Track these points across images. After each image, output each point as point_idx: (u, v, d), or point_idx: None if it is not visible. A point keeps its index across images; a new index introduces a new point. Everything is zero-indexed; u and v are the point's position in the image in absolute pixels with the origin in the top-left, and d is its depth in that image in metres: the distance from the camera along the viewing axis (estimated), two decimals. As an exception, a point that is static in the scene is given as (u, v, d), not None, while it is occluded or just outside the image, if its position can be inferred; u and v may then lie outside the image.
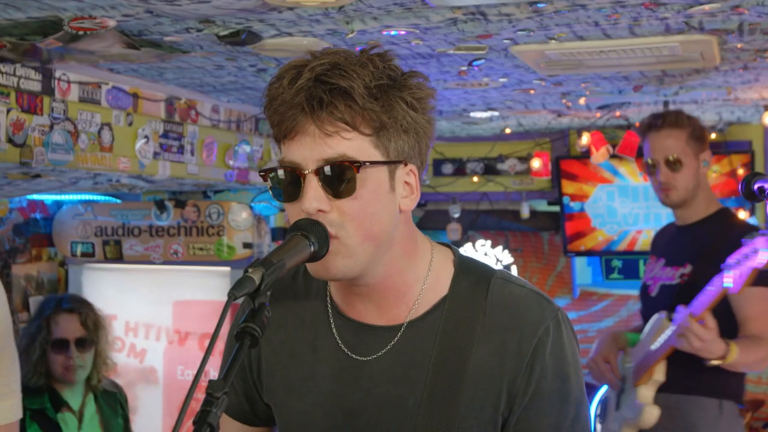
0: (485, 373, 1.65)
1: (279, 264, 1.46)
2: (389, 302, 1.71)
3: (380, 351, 1.70)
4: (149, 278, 5.24)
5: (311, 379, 1.74)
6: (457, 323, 1.68)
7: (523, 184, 6.19)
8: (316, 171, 1.58)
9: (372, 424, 1.70)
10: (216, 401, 1.31)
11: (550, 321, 1.67)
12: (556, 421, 1.67)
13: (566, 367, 1.68)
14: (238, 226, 5.04)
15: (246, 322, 1.40)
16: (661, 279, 3.65)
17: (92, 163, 3.78)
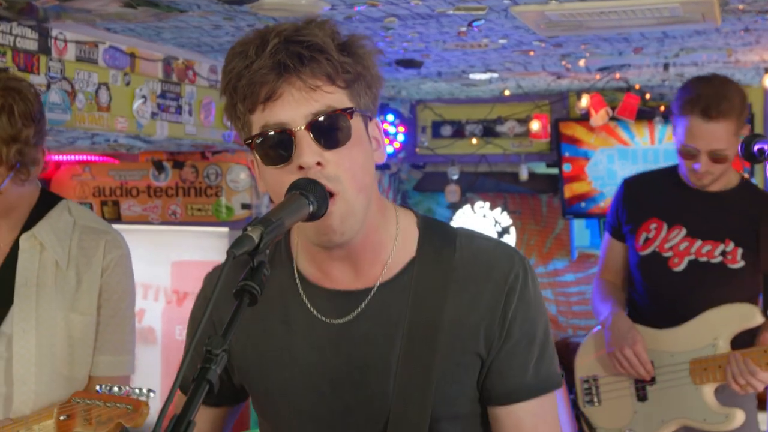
0: (462, 324, 1.71)
1: (278, 222, 1.46)
2: (365, 262, 1.73)
3: (355, 311, 1.72)
4: (147, 239, 5.24)
5: (288, 353, 1.74)
6: (428, 281, 1.73)
7: (522, 147, 6.18)
8: (307, 126, 1.58)
9: (356, 386, 1.71)
10: (215, 358, 1.30)
11: (519, 268, 1.74)
12: (525, 360, 1.74)
13: (533, 312, 1.76)
14: (237, 187, 5.04)
15: (245, 281, 1.40)
16: (690, 253, 3.32)
17: (90, 123, 3.77)
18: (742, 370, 3.08)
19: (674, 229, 3.36)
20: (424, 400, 1.69)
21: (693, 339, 3.27)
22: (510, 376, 1.73)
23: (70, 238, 2.51)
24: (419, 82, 5.42)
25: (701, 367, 3.23)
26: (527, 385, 1.74)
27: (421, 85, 5.54)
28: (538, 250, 6.62)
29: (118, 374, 2.53)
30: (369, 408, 1.71)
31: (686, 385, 3.27)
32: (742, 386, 3.11)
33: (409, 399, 1.69)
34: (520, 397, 1.74)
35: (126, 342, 2.55)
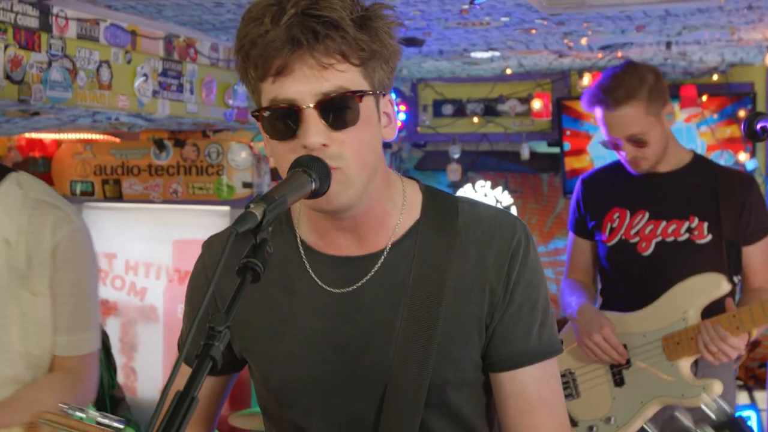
0: (465, 288, 1.73)
1: (281, 200, 1.46)
2: (370, 232, 1.74)
3: (362, 280, 1.73)
4: (149, 217, 5.25)
5: (291, 320, 1.75)
6: (431, 245, 1.74)
7: (523, 126, 6.17)
8: (316, 105, 1.58)
9: (360, 352, 1.72)
10: (218, 335, 1.31)
11: (521, 234, 1.76)
12: (528, 325, 1.76)
13: (535, 277, 1.77)
14: (238, 166, 5.04)
15: (248, 258, 1.40)
16: (657, 235, 3.32)
17: (91, 101, 3.76)
18: (712, 337, 3.06)
19: (637, 215, 3.36)
20: (425, 364, 1.70)
21: (663, 316, 3.25)
22: (514, 341, 1.75)
23: (19, 213, 2.35)
24: (420, 61, 5.41)
25: (674, 342, 3.21)
26: (531, 349, 1.76)
27: (422, 63, 5.53)
28: (539, 229, 6.62)
29: (80, 353, 2.42)
30: (372, 373, 1.72)
31: (661, 362, 3.24)
32: (714, 354, 3.09)
33: (410, 363, 1.70)
34: (524, 361, 1.76)
35: (87, 318, 2.44)
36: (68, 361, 2.40)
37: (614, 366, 3.32)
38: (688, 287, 3.22)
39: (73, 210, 2.44)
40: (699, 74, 5.67)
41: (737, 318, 3.07)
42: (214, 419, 1.96)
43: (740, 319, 3.07)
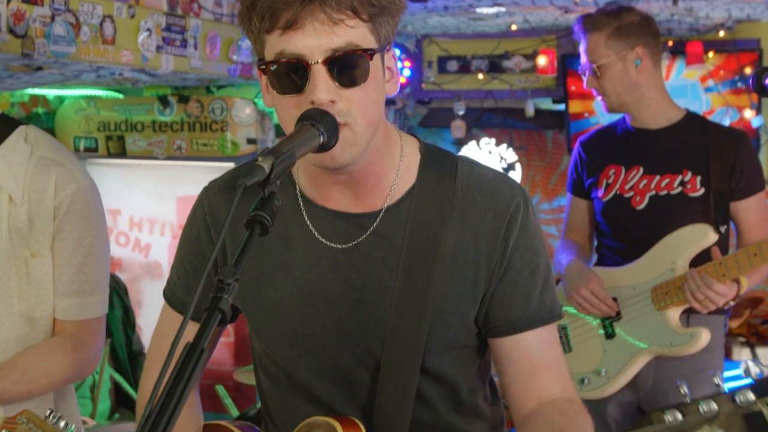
0: (462, 251, 1.72)
1: (288, 153, 1.46)
2: (367, 189, 1.73)
3: (358, 238, 1.73)
4: (153, 173, 5.24)
5: (285, 270, 1.75)
6: (428, 207, 1.73)
7: (528, 82, 6.14)
8: (325, 61, 1.56)
9: (353, 308, 1.73)
10: (227, 287, 1.31)
11: (520, 198, 1.75)
12: (527, 290, 1.76)
13: (534, 241, 1.77)
14: (242, 122, 5.02)
15: (256, 210, 1.40)
16: (650, 189, 3.37)
17: (95, 55, 3.74)
18: (699, 285, 3.12)
19: (632, 170, 3.42)
20: (420, 327, 1.70)
21: (652, 268, 3.31)
22: (515, 306, 1.75)
23: (24, 170, 2.25)
24: (425, 17, 5.37)
25: (662, 292, 3.26)
26: (532, 313, 1.76)
27: (427, 19, 5.49)
28: (543, 186, 6.61)
29: (83, 318, 2.32)
30: (365, 331, 1.73)
31: (650, 313, 3.30)
32: (701, 302, 3.14)
33: (404, 325, 1.71)
34: (526, 325, 1.76)
35: (91, 282, 2.33)
36: (70, 326, 2.31)
37: (605, 319, 3.38)
38: (676, 238, 3.28)
39: (79, 168, 2.34)
40: (705, 30, 5.63)
41: (723, 266, 3.13)
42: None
43: (726, 267, 3.13)
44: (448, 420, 1.82)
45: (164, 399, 1.21)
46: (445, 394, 1.80)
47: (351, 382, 1.76)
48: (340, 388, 1.76)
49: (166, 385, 1.23)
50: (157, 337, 1.93)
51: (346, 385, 1.76)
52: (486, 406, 1.88)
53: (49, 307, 2.29)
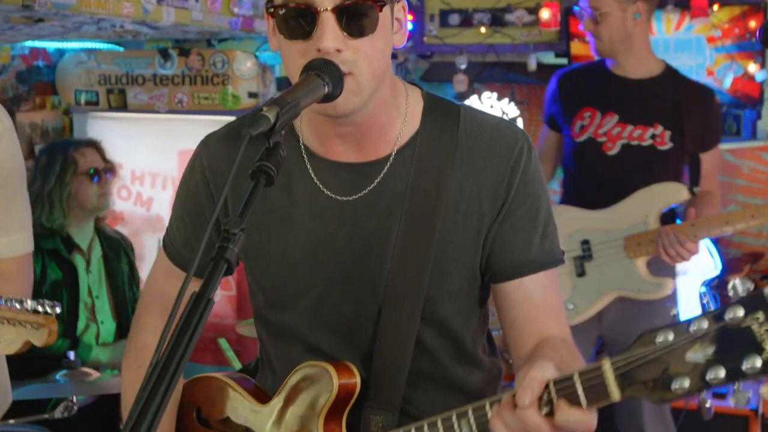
0: (465, 198, 1.73)
1: (293, 103, 1.45)
2: (371, 140, 1.73)
3: (363, 188, 1.74)
4: (154, 127, 5.23)
5: (288, 222, 1.75)
6: (431, 153, 1.73)
7: (531, 36, 6.09)
8: (334, 9, 1.55)
9: (357, 258, 1.74)
10: (233, 237, 1.31)
11: (523, 143, 1.76)
12: (528, 236, 1.77)
13: (536, 187, 1.78)
14: (243, 75, 4.99)
15: (261, 161, 1.39)
16: (622, 137, 3.57)
17: (95, 7, 3.71)
18: (672, 242, 3.41)
19: (607, 116, 3.64)
20: (421, 274, 1.71)
21: (626, 217, 3.56)
22: (516, 250, 1.76)
23: None
24: (428, -31, 5.32)
25: (635, 242, 3.54)
26: (534, 258, 1.78)
27: (429, -28, 5.44)
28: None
29: (13, 255, 2.34)
30: (368, 280, 1.74)
31: (621, 259, 3.57)
32: (672, 257, 3.46)
33: (405, 273, 1.72)
34: (527, 269, 1.77)
35: (18, 219, 2.36)
36: (2, 264, 2.32)
37: (577, 258, 3.62)
38: (650, 193, 3.55)
39: (0, 110, 2.34)
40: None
41: (695, 227, 3.44)
42: None
43: (698, 228, 3.43)
44: (448, 370, 1.83)
45: (171, 349, 1.22)
46: (447, 343, 1.81)
47: (352, 331, 1.77)
48: (342, 337, 1.78)
49: (173, 334, 1.24)
50: (151, 282, 1.95)
51: (347, 334, 1.77)
52: (485, 357, 1.90)
53: None
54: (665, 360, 1.31)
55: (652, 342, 1.32)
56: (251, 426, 1.83)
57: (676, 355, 1.30)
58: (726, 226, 3.41)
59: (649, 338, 1.33)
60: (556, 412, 1.39)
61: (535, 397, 1.41)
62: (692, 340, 1.29)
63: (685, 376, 1.29)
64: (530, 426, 1.41)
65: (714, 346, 1.27)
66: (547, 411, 1.41)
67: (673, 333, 1.31)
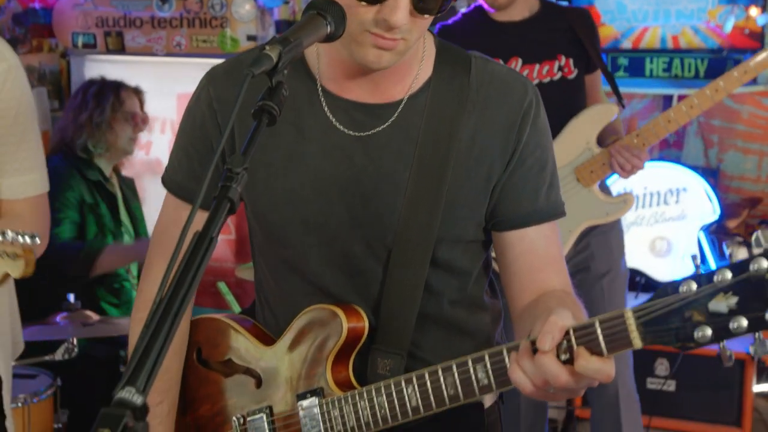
0: (476, 146, 1.73)
1: (296, 42, 1.44)
2: (389, 83, 1.73)
3: (376, 128, 1.73)
4: (152, 71, 5.20)
5: (298, 159, 1.75)
6: (444, 99, 1.74)
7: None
8: None
9: (366, 199, 1.74)
10: (236, 177, 1.31)
11: (533, 95, 1.77)
12: (537, 185, 1.78)
13: (544, 138, 1.80)
14: (242, 18, 4.96)
15: (264, 100, 1.38)
16: (533, 78, 3.53)
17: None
18: (627, 157, 3.45)
19: (511, 62, 3.54)
20: (432, 219, 1.72)
21: (569, 150, 3.55)
22: (523, 200, 1.77)
23: None
24: None
25: (587, 170, 3.53)
26: (540, 209, 1.79)
27: None
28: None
29: (27, 195, 2.29)
30: (378, 221, 1.74)
31: (579, 191, 3.56)
32: (628, 171, 3.48)
33: (417, 217, 1.72)
34: (533, 220, 1.78)
35: (31, 159, 2.29)
36: (16, 205, 2.28)
37: None
38: (585, 119, 3.55)
39: (6, 46, 2.27)
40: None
41: (641, 137, 3.48)
42: None
43: (644, 137, 3.48)
44: (453, 312, 1.84)
45: (174, 288, 1.22)
46: (452, 286, 1.83)
47: (360, 273, 1.77)
48: (349, 279, 1.78)
49: (176, 273, 1.24)
50: (159, 231, 1.93)
51: (355, 276, 1.77)
52: (488, 299, 1.91)
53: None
54: (688, 309, 1.33)
55: (675, 291, 1.34)
56: (255, 368, 1.84)
57: (698, 304, 1.32)
58: (669, 124, 3.48)
59: (672, 287, 1.34)
60: (577, 360, 1.40)
61: (555, 342, 1.41)
62: (716, 290, 1.31)
63: (708, 326, 1.31)
64: (549, 373, 1.41)
65: (737, 296, 1.29)
66: (566, 358, 1.41)
67: (696, 283, 1.32)
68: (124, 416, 1.04)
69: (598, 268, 3.66)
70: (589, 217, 3.58)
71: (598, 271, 3.65)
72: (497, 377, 1.53)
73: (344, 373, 1.75)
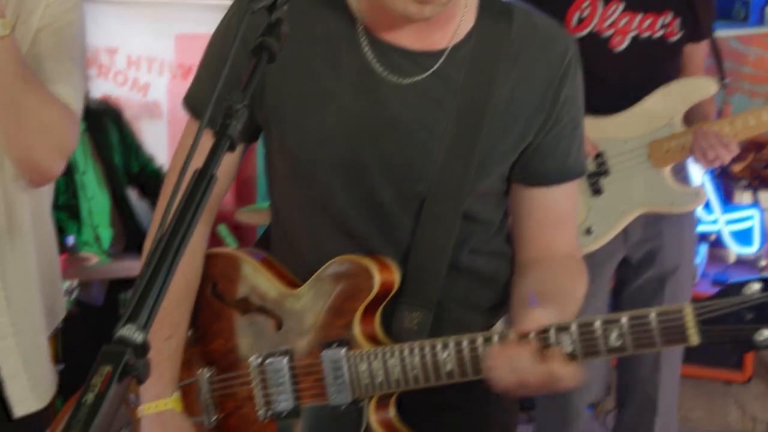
0: (514, 101, 1.71)
1: None
2: (432, 31, 1.70)
3: (417, 76, 1.70)
4: (150, 12, 5.16)
5: (330, 98, 1.71)
6: (485, 51, 1.71)
7: None
8: None
9: (399, 146, 1.70)
10: (236, 113, 1.28)
11: (573, 52, 1.75)
12: (569, 144, 1.78)
13: (580, 97, 1.79)
14: (241, -42, 4.89)
15: (263, 36, 1.36)
16: (632, 29, 3.09)
17: None
18: (713, 144, 2.99)
19: (612, 4, 3.09)
20: (467, 171, 1.70)
21: (647, 121, 3.12)
22: (555, 159, 1.77)
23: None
24: None
25: (662, 149, 3.10)
26: (569, 167, 1.79)
27: None
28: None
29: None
30: (411, 169, 1.71)
31: (646, 170, 3.14)
32: (711, 160, 3.02)
33: (452, 168, 1.70)
34: (561, 178, 1.79)
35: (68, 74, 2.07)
36: None
37: (590, 175, 3.17)
38: (674, 91, 3.10)
39: None
40: None
41: (734, 125, 3.02)
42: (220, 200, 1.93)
43: (737, 127, 3.02)
44: (478, 262, 1.83)
45: (174, 225, 1.20)
46: (476, 235, 1.81)
47: (389, 219, 1.74)
48: (377, 224, 1.75)
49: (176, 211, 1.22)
50: (178, 152, 1.89)
51: (384, 221, 1.74)
52: (507, 246, 1.90)
53: None
54: (750, 312, 1.34)
55: (738, 292, 1.35)
56: (275, 310, 1.81)
57: (762, 307, 1.33)
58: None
59: (735, 288, 1.36)
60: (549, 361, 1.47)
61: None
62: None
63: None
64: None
65: None
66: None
67: (760, 284, 1.33)
68: (125, 353, 1.03)
69: (666, 262, 3.27)
70: (650, 203, 3.14)
71: (664, 266, 3.27)
72: None
73: (371, 326, 1.72)
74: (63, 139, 2.03)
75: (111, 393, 1.01)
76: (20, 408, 2.09)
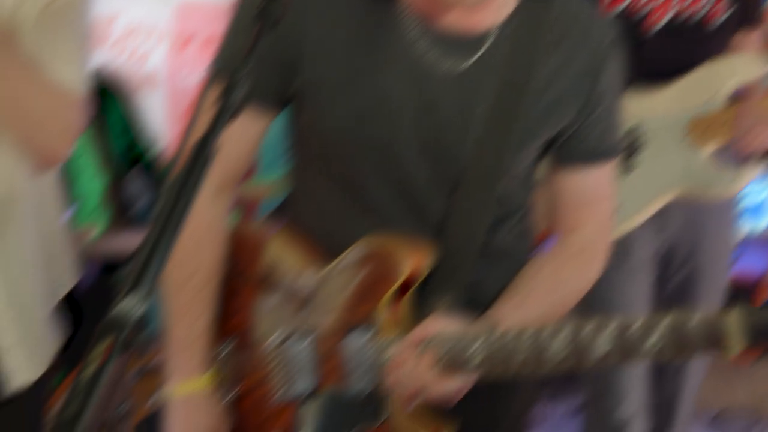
0: (553, 87, 1.70)
1: None
2: (474, 11, 1.67)
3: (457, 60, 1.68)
4: (150, -21, 5.13)
5: (368, 75, 1.68)
6: (526, 36, 1.70)
7: None
8: None
9: (439, 128, 1.69)
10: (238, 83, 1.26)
11: (613, 37, 1.75)
12: (607, 127, 1.79)
13: (617, 82, 1.79)
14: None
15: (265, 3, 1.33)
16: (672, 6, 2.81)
17: None
18: (755, 124, 2.72)
19: None
20: (502, 155, 1.70)
21: (689, 96, 2.85)
22: (592, 140, 1.78)
23: None
24: None
25: (704, 126, 2.82)
26: (606, 149, 1.80)
27: None
28: None
29: None
30: (446, 152, 1.70)
31: (684, 149, 2.86)
32: (749, 141, 2.75)
33: (488, 152, 1.69)
34: (598, 159, 1.80)
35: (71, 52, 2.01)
36: None
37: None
38: (721, 68, 2.83)
39: None
40: None
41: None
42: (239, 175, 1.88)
43: None
44: (503, 240, 1.81)
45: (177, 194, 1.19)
46: (507, 217, 1.81)
47: (422, 201, 1.73)
48: (409, 205, 1.73)
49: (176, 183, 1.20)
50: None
51: (416, 204, 1.72)
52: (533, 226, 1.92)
53: None
54: None
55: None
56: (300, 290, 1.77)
57: None
58: None
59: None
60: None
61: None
62: None
63: None
64: None
65: None
66: None
67: None
68: (125, 326, 1.01)
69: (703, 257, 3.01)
70: (684, 184, 2.85)
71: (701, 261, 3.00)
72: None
73: (399, 311, 1.70)
74: (67, 124, 1.99)
75: (111, 367, 1.00)
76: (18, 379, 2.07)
